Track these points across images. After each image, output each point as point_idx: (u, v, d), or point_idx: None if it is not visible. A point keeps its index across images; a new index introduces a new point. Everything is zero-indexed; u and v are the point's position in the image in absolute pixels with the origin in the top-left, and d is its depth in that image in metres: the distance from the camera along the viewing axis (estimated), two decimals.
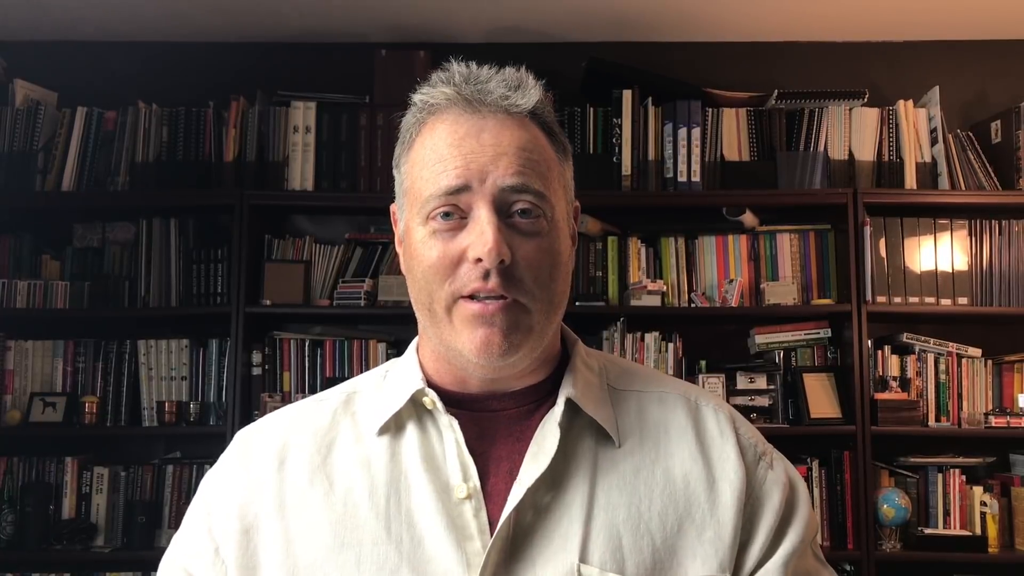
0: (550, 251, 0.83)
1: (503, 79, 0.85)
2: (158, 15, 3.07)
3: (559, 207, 0.85)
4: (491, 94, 0.83)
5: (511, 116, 0.84)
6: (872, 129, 3.02)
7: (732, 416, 0.92)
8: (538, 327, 0.84)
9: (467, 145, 0.82)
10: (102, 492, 2.92)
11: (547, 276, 0.83)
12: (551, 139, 0.87)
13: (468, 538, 0.81)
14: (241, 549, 0.85)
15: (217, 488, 0.90)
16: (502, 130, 0.83)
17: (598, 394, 0.90)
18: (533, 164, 0.83)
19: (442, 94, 0.84)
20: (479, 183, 0.81)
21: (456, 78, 0.84)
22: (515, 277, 0.81)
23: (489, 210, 0.81)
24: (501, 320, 0.81)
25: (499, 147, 0.82)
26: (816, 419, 2.86)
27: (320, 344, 2.99)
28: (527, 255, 0.82)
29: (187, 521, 0.91)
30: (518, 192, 0.82)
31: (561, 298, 0.86)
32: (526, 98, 0.84)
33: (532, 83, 0.86)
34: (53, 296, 2.95)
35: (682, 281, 3.00)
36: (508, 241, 0.81)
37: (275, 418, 0.94)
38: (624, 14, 3.06)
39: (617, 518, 0.83)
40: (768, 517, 0.86)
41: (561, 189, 0.87)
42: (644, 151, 2.99)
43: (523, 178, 0.82)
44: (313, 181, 2.98)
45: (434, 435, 0.87)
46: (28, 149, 3.00)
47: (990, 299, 2.94)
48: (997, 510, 2.85)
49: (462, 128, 0.83)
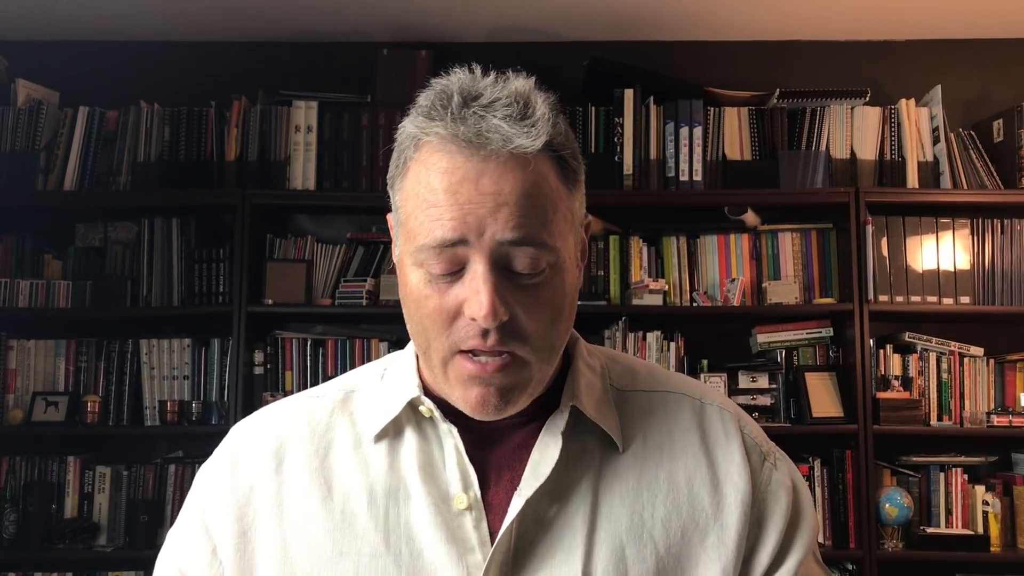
0: (552, 298, 0.78)
1: (508, 107, 0.76)
2: (160, 15, 3.07)
3: (565, 246, 0.79)
4: (493, 134, 0.74)
5: (515, 157, 0.75)
6: (874, 128, 3.01)
7: (738, 415, 0.90)
8: (537, 375, 0.80)
9: (464, 192, 0.75)
10: (104, 491, 2.92)
11: (548, 324, 0.79)
12: (561, 170, 0.79)
13: (469, 551, 0.80)
14: (239, 551, 0.84)
15: (213, 486, 0.88)
16: (504, 175, 0.75)
17: (601, 398, 0.87)
18: (537, 212, 0.76)
19: (436, 131, 0.76)
20: (476, 237, 0.75)
21: (455, 105, 0.76)
22: (514, 331, 0.77)
23: (486, 266, 0.75)
24: (499, 379, 0.78)
25: (499, 196, 0.75)
26: (818, 418, 2.86)
27: (322, 344, 2.99)
28: (528, 308, 0.77)
29: (182, 518, 0.89)
30: (518, 246, 0.75)
31: (564, 337, 0.82)
32: (533, 138, 0.75)
33: (542, 109, 0.77)
34: (55, 296, 2.95)
35: (684, 280, 3.00)
36: (507, 296, 0.76)
37: (272, 414, 0.92)
38: (626, 13, 3.06)
39: (620, 528, 0.81)
40: (776, 522, 0.85)
41: (568, 224, 0.80)
42: (646, 150, 2.99)
43: (524, 231, 0.75)
44: (315, 180, 2.98)
45: (434, 442, 0.85)
46: (30, 149, 3.00)
47: (992, 298, 2.93)
48: (999, 509, 2.85)
49: (459, 171, 0.75)
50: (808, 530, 0.86)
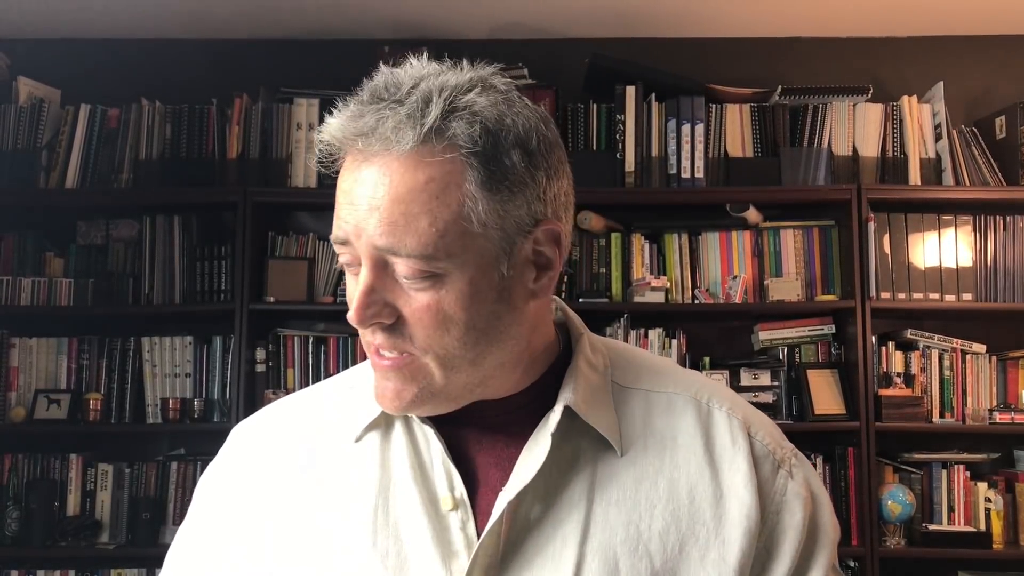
0: (439, 307, 0.74)
1: (412, 101, 0.72)
2: (161, 12, 3.07)
3: (468, 255, 0.73)
4: (374, 131, 0.72)
5: (399, 157, 0.72)
6: (876, 125, 3.01)
7: (747, 420, 0.85)
8: (444, 386, 0.77)
9: (348, 195, 0.74)
10: (106, 489, 2.92)
11: (440, 332, 0.75)
12: (485, 173, 0.73)
13: (454, 554, 0.78)
14: (228, 545, 0.84)
15: (218, 485, 0.89)
16: (381, 178, 0.72)
17: (601, 397, 0.83)
18: (412, 219, 0.71)
19: (331, 130, 0.74)
20: (356, 238, 0.74)
21: (360, 100, 0.74)
22: (404, 335, 0.75)
23: (368, 267, 0.74)
24: (394, 378, 0.77)
25: (373, 200, 0.72)
26: (820, 415, 2.86)
27: (323, 341, 2.99)
28: (414, 313, 0.75)
29: (190, 519, 0.89)
30: (391, 254, 0.73)
31: (476, 350, 0.76)
32: (412, 135, 0.71)
33: (440, 102, 0.71)
34: (57, 293, 2.95)
35: (686, 277, 3.00)
36: (392, 299, 0.74)
37: (272, 413, 0.92)
38: (627, 10, 3.06)
39: (615, 538, 0.77)
40: (791, 538, 0.81)
41: (471, 235, 0.73)
42: (647, 148, 2.99)
43: (393, 240, 0.72)
44: (316, 178, 2.98)
45: (421, 440, 0.83)
46: (32, 147, 3.00)
47: (994, 295, 2.93)
48: (1001, 506, 2.85)
49: (351, 172, 0.75)
50: (827, 546, 0.82)
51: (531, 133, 0.75)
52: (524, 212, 0.76)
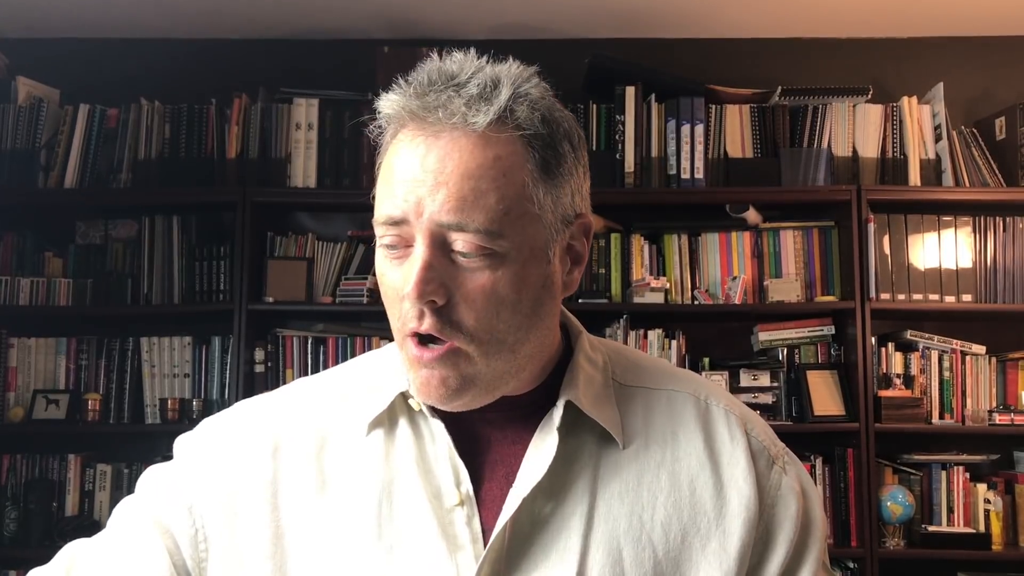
0: (494, 287, 0.75)
1: (478, 84, 0.75)
2: (160, 12, 3.07)
3: (523, 236, 0.76)
4: (444, 109, 0.74)
5: (468, 135, 0.74)
6: (876, 126, 3.01)
7: (744, 417, 0.87)
8: (486, 374, 0.77)
9: (410, 171, 0.74)
10: (105, 489, 2.92)
11: (491, 314, 0.75)
12: (539, 158, 0.76)
13: (459, 548, 0.78)
14: (229, 533, 0.82)
15: (205, 460, 0.85)
16: (450, 153, 0.73)
17: (601, 393, 0.85)
18: (481, 195, 0.73)
19: (394, 105, 0.76)
20: (416, 216, 0.74)
21: (418, 83, 0.76)
22: (453, 320, 0.75)
23: (425, 244, 0.74)
24: (438, 368, 0.76)
25: (441, 175, 0.73)
26: (819, 416, 2.85)
27: (323, 341, 2.99)
28: (469, 294, 0.75)
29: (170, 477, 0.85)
30: (455, 230, 0.73)
31: (519, 334, 0.78)
32: (484, 114, 0.73)
33: (508, 92, 0.75)
34: (56, 293, 2.95)
35: (685, 278, 3.00)
36: (447, 279, 0.74)
37: (270, 401, 0.90)
38: (627, 10, 3.06)
39: (618, 529, 0.79)
40: (786, 531, 0.83)
41: (530, 216, 0.76)
42: (647, 148, 2.99)
43: (461, 215, 0.73)
44: (315, 178, 2.97)
45: (427, 436, 0.83)
46: (31, 146, 3.00)
47: (994, 296, 2.93)
48: (1001, 507, 2.85)
49: (411, 146, 0.75)
50: (819, 540, 0.84)
51: (573, 129, 0.80)
52: (568, 202, 0.80)
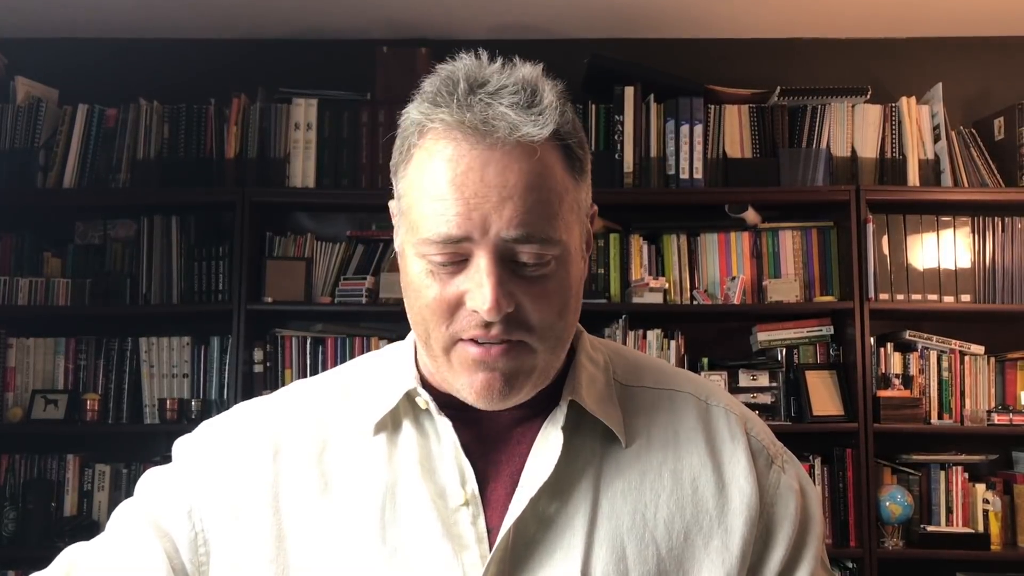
0: (558, 291, 0.77)
1: (515, 94, 0.74)
2: (159, 12, 3.07)
3: (571, 239, 0.78)
4: (500, 121, 0.72)
5: (521, 145, 0.73)
6: (875, 126, 3.01)
7: (744, 417, 0.88)
8: (543, 364, 0.79)
9: (469, 185, 0.72)
10: (104, 489, 2.92)
11: (555, 315, 0.77)
12: (568, 159, 0.78)
13: (464, 548, 0.78)
14: (229, 537, 0.81)
15: (205, 463, 0.85)
16: (509, 165, 0.73)
17: (604, 392, 0.85)
18: (542, 206, 0.74)
19: (441, 118, 0.74)
20: (481, 234, 0.73)
21: (460, 91, 0.74)
22: (520, 321, 0.75)
23: (490, 261, 0.73)
24: (504, 364, 0.76)
25: (504, 189, 0.72)
26: (818, 417, 2.85)
27: (322, 342, 2.99)
28: (534, 300, 0.76)
29: (170, 480, 0.85)
30: (523, 243, 0.73)
31: (571, 329, 0.81)
32: (540, 126, 0.73)
33: (549, 97, 0.75)
34: (55, 293, 2.95)
35: (684, 278, 3.00)
36: (512, 288, 0.74)
37: (272, 402, 0.90)
38: (626, 10, 3.06)
39: (621, 527, 0.80)
40: (785, 529, 0.84)
41: (573, 215, 0.78)
42: (646, 148, 2.99)
43: (529, 228, 0.73)
44: (314, 178, 2.97)
45: (432, 436, 0.83)
46: (29, 146, 2.99)
47: (993, 296, 2.93)
48: (1000, 507, 2.85)
49: (464, 159, 0.73)
50: (817, 538, 0.85)
51: (581, 130, 0.81)
52: (585, 195, 0.82)
